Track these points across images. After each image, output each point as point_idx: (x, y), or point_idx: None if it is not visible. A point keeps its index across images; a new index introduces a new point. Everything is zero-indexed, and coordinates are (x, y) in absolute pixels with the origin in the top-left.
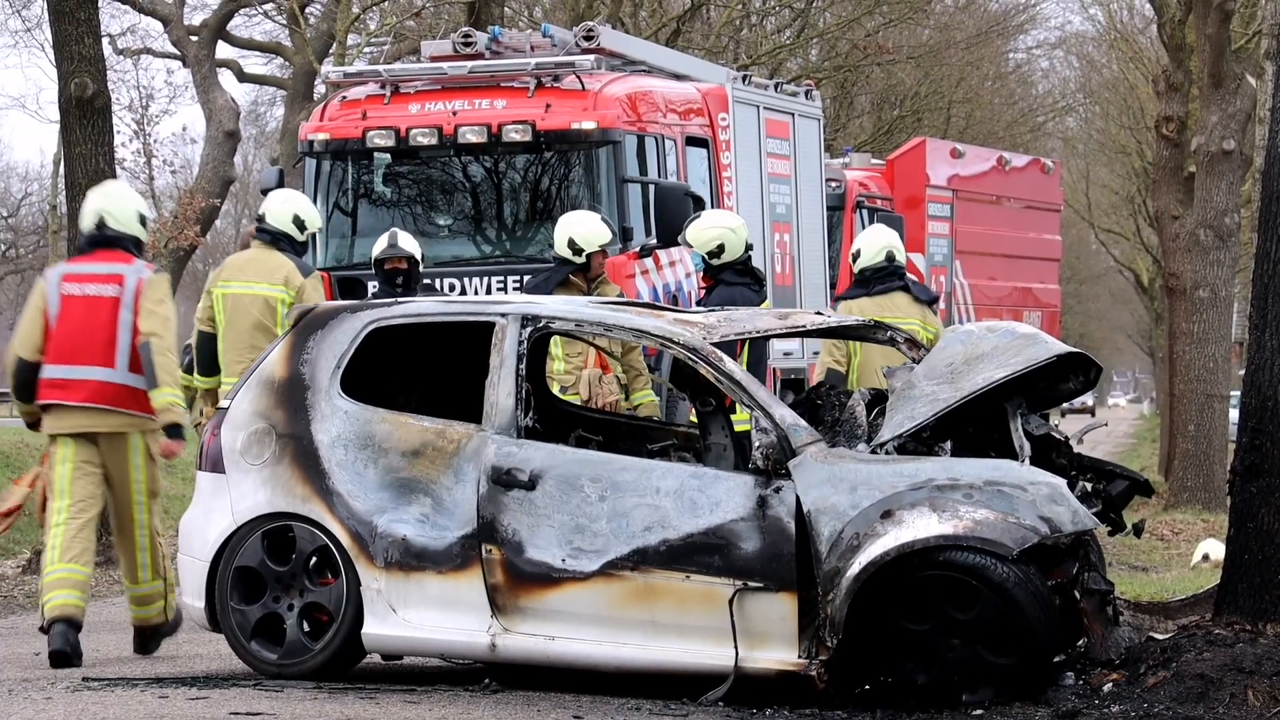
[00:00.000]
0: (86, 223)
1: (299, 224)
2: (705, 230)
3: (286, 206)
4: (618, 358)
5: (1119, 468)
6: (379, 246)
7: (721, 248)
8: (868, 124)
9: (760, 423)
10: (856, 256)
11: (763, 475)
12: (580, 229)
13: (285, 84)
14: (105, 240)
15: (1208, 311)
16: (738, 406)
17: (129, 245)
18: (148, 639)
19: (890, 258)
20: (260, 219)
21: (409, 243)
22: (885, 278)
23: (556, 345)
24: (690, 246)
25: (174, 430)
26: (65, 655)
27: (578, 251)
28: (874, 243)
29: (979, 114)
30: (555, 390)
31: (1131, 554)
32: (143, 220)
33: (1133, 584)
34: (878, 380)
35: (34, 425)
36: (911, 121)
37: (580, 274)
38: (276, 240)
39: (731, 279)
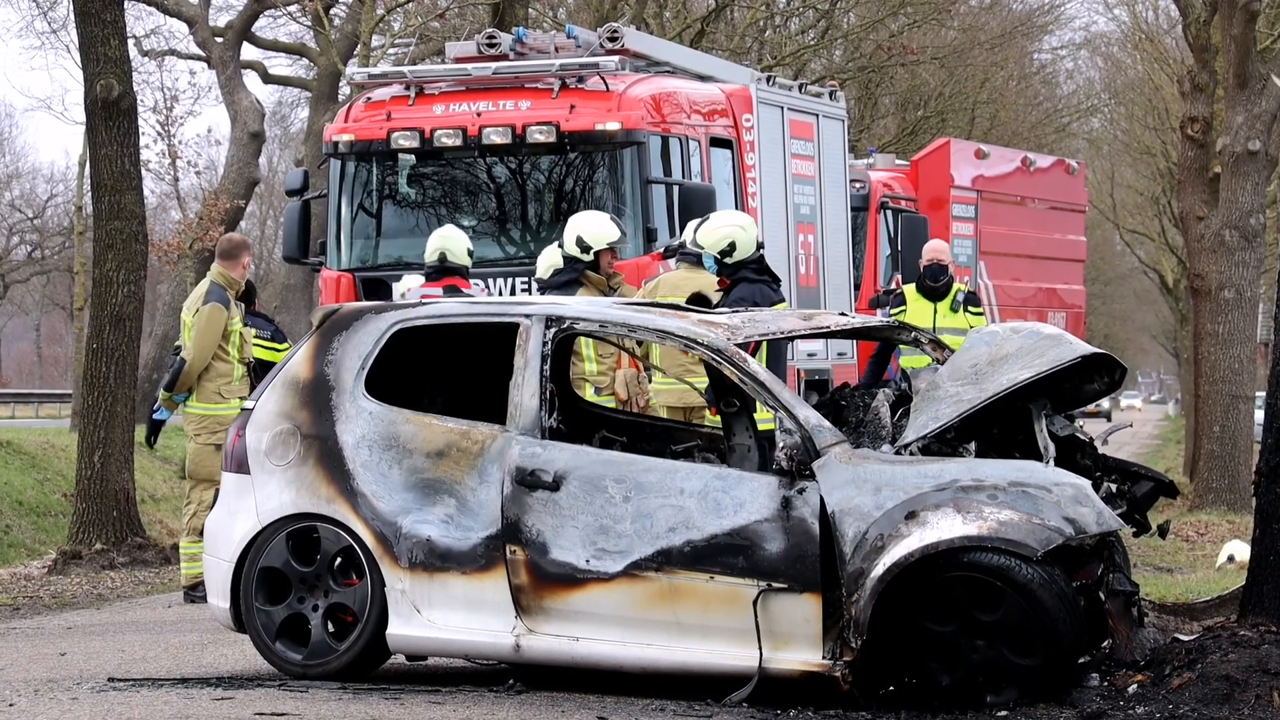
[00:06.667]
0: (431, 257)
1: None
2: (715, 230)
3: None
4: (639, 357)
5: (1144, 469)
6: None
7: (733, 246)
8: (892, 125)
9: (784, 424)
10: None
11: (787, 476)
12: (589, 227)
13: (310, 85)
14: (446, 271)
15: (1233, 312)
16: (757, 405)
17: (464, 273)
18: None
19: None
20: (683, 244)
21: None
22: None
23: (588, 346)
24: (701, 248)
25: None
26: None
27: (585, 249)
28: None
29: (1003, 115)
30: (589, 392)
31: (1156, 555)
32: (470, 254)
33: (1158, 585)
34: None
35: None
36: (936, 122)
37: (595, 273)
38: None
39: (750, 277)
